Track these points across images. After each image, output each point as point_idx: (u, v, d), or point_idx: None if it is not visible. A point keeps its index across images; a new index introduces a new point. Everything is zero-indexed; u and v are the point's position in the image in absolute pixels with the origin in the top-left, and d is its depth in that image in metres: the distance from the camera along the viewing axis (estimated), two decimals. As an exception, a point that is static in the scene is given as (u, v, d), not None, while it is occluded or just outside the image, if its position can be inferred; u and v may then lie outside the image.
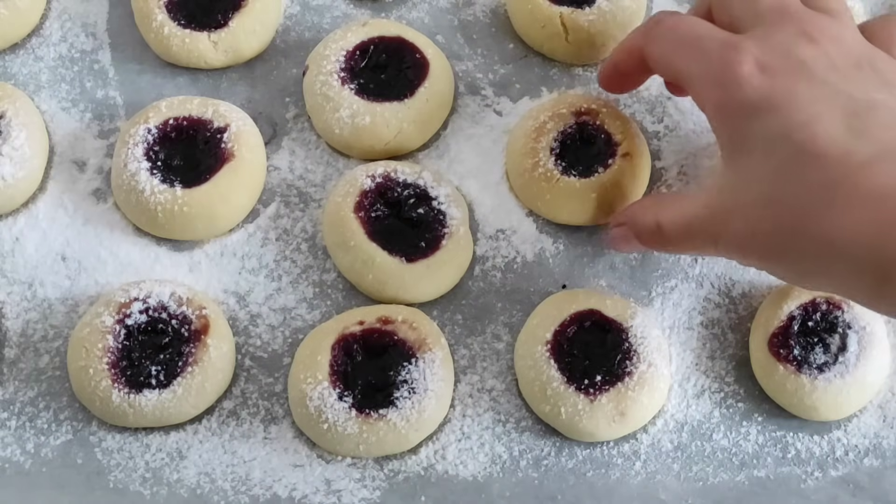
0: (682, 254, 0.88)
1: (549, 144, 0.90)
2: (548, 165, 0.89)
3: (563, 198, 0.90)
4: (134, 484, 0.91)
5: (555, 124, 0.91)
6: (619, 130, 0.89)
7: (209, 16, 1.06)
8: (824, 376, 0.92)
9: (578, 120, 0.89)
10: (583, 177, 0.90)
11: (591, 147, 0.90)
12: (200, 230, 0.99)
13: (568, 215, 0.93)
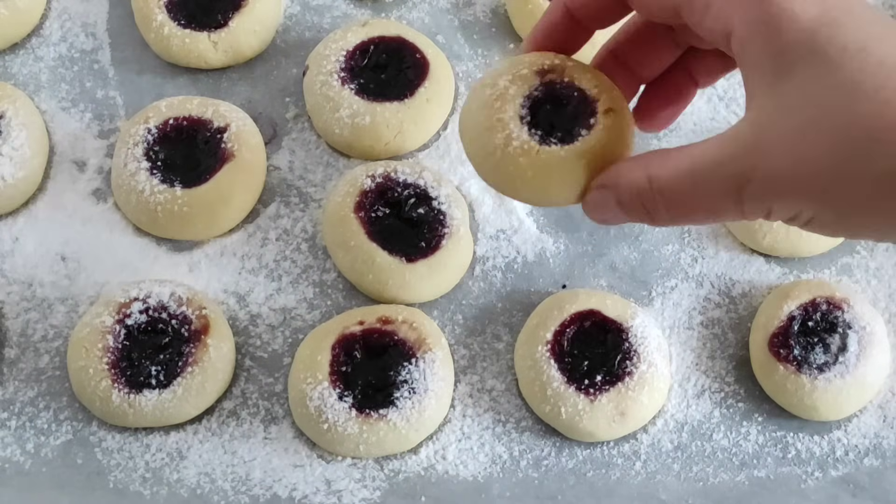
0: (678, 222, 0.66)
1: (518, 112, 0.69)
2: (522, 137, 0.68)
3: (549, 172, 0.69)
4: (134, 484, 0.91)
5: (518, 88, 0.69)
6: (592, 84, 0.70)
7: (209, 16, 1.06)
8: (824, 376, 0.92)
9: (544, 80, 0.70)
10: (565, 143, 0.68)
11: (564, 108, 0.71)
12: (200, 230, 0.99)
13: (557, 192, 0.70)
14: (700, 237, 1.01)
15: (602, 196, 0.68)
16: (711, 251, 1.01)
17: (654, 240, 1.01)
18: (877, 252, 1.01)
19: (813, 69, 0.59)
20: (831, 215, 0.61)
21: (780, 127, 0.60)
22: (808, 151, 0.59)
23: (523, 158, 0.67)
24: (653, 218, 0.65)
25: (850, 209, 0.60)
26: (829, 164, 0.58)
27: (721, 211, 0.62)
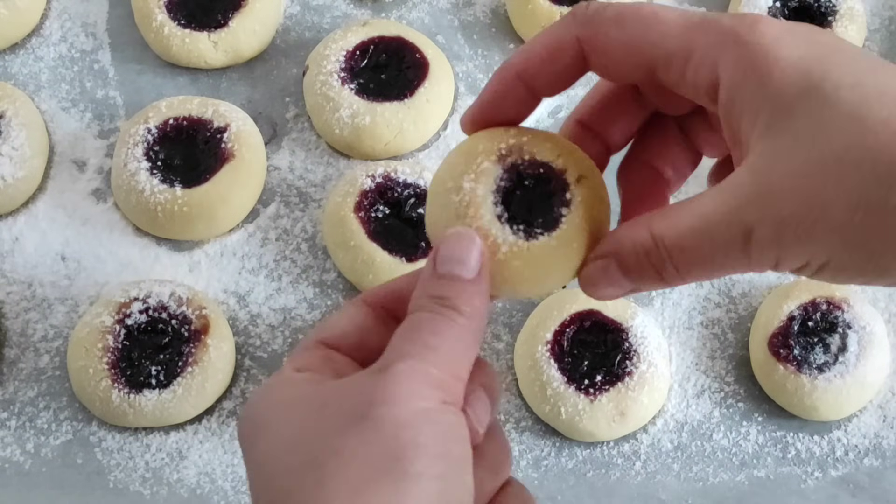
0: (689, 278, 0.59)
1: (493, 213, 0.59)
2: (508, 239, 0.59)
3: (545, 265, 0.62)
4: (134, 484, 0.91)
5: (485, 186, 0.60)
6: (554, 155, 0.62)
7: (209, 16, 1.06)
8: (824, 376, 0.92)
9: (505, 166, 0.61)
10: (549, 229, 0.60)
11: (535, 189, 0.62)
12: (200, 230, 0.99)
13: (557, 280, 0.63)
14: (700, 237, 1.01)
15: (604, 267, 0.60)
16: (711, 251, 1.01)
17: (654, 240, 1.01)
18: (877, 252, 1.01)
19: (811, 107, 0.55)
20: (852, 258, 0.56)
21: (784, 170, 0.55)
22: (817, 191, 0.54)
23: (516, 261, 0.59)
24: (663, 278, 0.59)
25: (874, 248, 0.54)
26: (845, 204, 0.53)
27: (730, 264, 0.58)
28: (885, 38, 1.11)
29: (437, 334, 0.52)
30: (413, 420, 0.49)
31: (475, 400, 0.54)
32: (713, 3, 1.12)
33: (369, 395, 0.50)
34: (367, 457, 0.48)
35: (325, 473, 0.49)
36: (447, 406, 0.51)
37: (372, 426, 0.49)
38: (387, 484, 0.48)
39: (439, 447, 0.49)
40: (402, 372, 0.50)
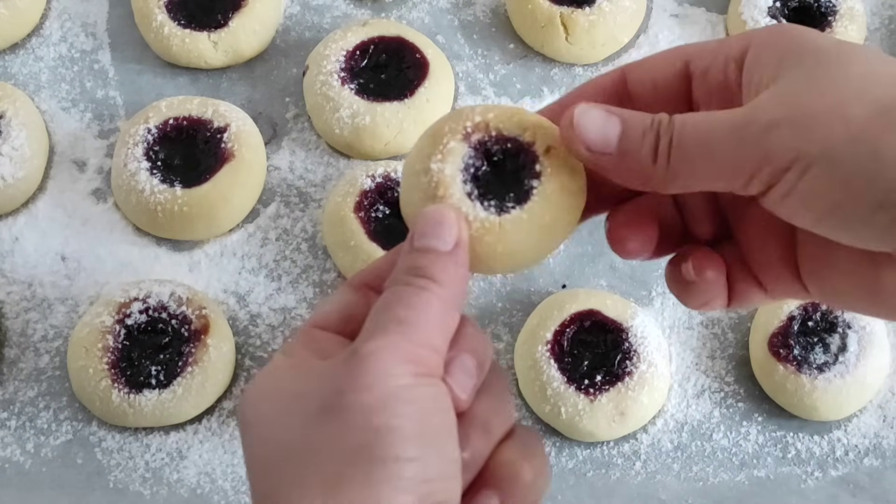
0: (678, 176, 0.54)
1: (462, 191, 0.58)
2: (479, 215, 0.57)
3: (517, 239, 0.59)
4: (134, 484, 0.91)
5: (452, 165, 0.58)
6: (521, 129, 0.60)
7: (209, 16, 1.06)
8: (824, 376, 0.92)
9: (472, 144, 0.59)
10: (521, 202, 0.59)
11: (505, 164, 0.60)
12: (200, 230, 0.99)
13: (533, 255, 0.62)
14: (700, 237, 1.01)
15: (605, 115, 0.55)
16: (711, 251, 1.01)
17: (654, 240, 1.01)
18: (877, 252, 1.01)
19: (837, 55, 0.53)
20: (854, 153, 0.49)
21: (808, 85, 0.52)
22: (838, 95, 0.51)
23: (488, 237, 0.58)
24: (655, 160, 0.54)
25: (880, 145, 0.49)
26: (861, 103, 0.50)
27: (722, 160, 0.52)
28: (885, 38, 1.11)
29: (409, 307, 0.52)
30: (385, 402, 0.49)
31: (457, 367, 0.53)
32: (713, 2, 1.12)
33: (339, 383, 0.50)
34: (339, 448, 0.48)
35: (299, 470, 0.49)
36: (421, 378, 0.50)
37: (342, 416, 0.49)
38: (360, 475, 0.47)
39: (414, 426, 0.49)
40: (372, 353, 0.50)
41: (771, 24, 0.53)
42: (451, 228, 0.54)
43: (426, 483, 0.48)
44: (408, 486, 0.48)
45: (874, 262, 0.53)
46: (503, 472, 0.53)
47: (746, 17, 1.07)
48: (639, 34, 1.10)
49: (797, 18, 1.08)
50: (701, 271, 0.58)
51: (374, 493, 0.47)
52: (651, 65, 0.60)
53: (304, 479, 0.48)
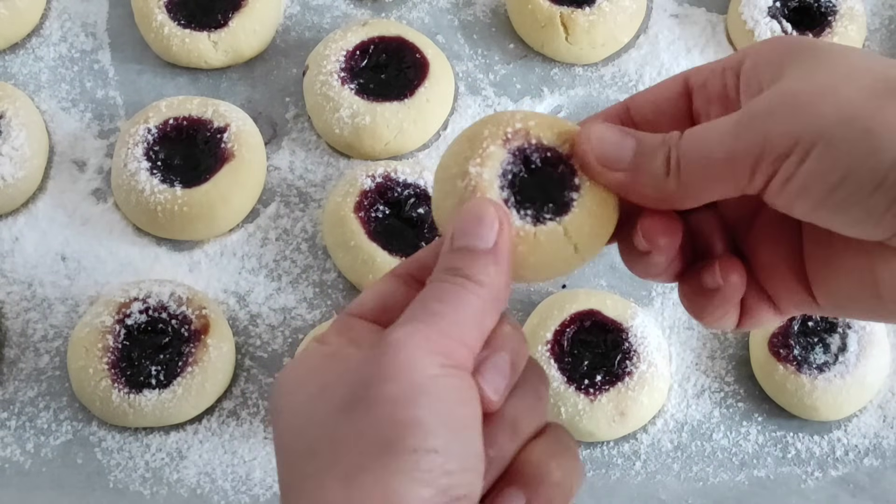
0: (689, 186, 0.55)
1: (500, 197, 0.57)
2: (514, 223, 0.56)
3: (552, 252, 0.59)
4: (134, 484, 0.91)
5: (490, 170, 0.57)
6: (560, 140, 0.59)
7: (209, 16, 1.06)
8: (824, 376, 0.92)
9: (511, 150, 0.58)
10: (559, 215, 0.58)
11: (543, 175, 0.59)
12: (200, 230, 0.99)
13: (565, 267, 0.61)
14: (700, 237, 1.01)
15: (621, 132, 0.57)
16: (711, 251, 1.01)
17: (654, 240, 1.01)
18: (877, 252, 1.01)
19: (830, 53, 0.54)
20: (848, 132, 0.50)
21: (805, 81, 0.52)
22: (834, 85, 0.51)
23: (522, 247, 0.57)
24: (668, 171, 0.54)
25: (873, 125, 0.49)
26: (858, 87, 0.51)
27: (724, 157, 0.53)
28: (885, 38, 1.11)
29: (442, 301, 0.51)
30: (409, 394, 0.48)
31: (489, 366, 0.52)
32: (713, 2, 1.12)
33: (366, 373, 0.49)
34: (361, 442, 0.48)
35: (322, 463, 0.49)
36: (448, 370, 0.50)
37: (365, 409, 0.48)
38: (380, 467, 0.47)
39: (437, 418, 0.48)
40: (399, 341, 0.49)
41: (769, 38, 0.53)
42: (491, 225, 0.53)
43: (447, 476, 0.48)
44: (428, 478, 0.47)
45: (871, 257, 0.53)
46: (530, 471, 0.53)
47: (746, 17, 1.07)
48: (639, 34, 1.10)
49: (797, 18, 1.08)
50: (727, 276, 0.58)
51: (393, 485, 0.47)
52: (652, 91, 0.61)
53: (327, 471, 0.48)
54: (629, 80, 1.08)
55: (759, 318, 0.60)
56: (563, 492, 0.53)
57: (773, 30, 1.06)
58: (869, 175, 0.49)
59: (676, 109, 0.59)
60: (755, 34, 1.06)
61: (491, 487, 0.52)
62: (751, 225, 0.59)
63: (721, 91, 0.57)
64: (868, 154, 0.49)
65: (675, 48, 1.10)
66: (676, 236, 0.57)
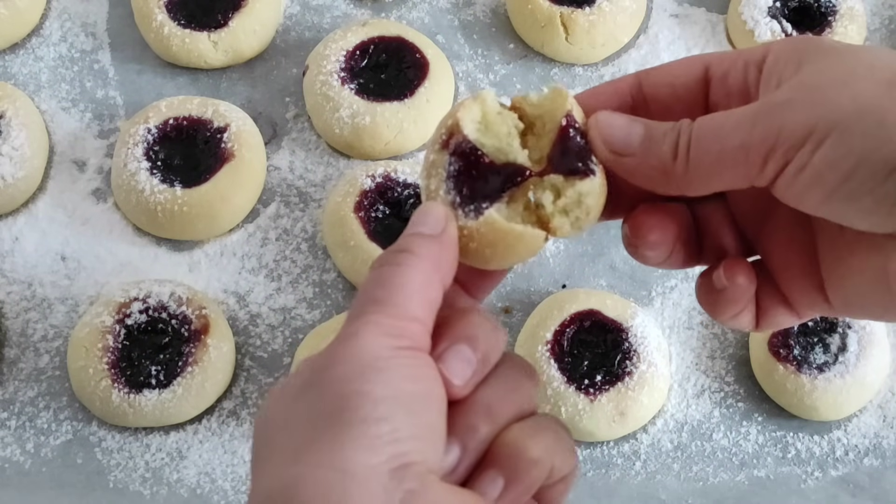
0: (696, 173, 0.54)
1: (445, 202, 0.57)
2: (459, 223, 0.56)
3: (504, 241, 0.57)
4: (134, 484, 0.91)
5: (436, 178, 0.57)
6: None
7: (209, 16, 1.06)
8: (824, 376, 0.92)
9: (450, 149, 0.57)
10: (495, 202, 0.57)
11: (482, 164, 0.58)
12: (200, 230, 0.99)
13: (524, 251, 0.58)
14: (700, 237, 1.01)
15: (629, 119, 0.57)
16: (711, 251, 1.01)
17: (654, 240, 1.01)
18: (877, 252, 1.01)
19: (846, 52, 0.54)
20: (859, 124, 0.50)
21: (819, 75, 0.53)
22: (849, 77, 0.52)
23: (472, 244, 0.56)
24: (676, 155, 0.54)
25: (885, 116, 0.50)
26: (875, 81, 0.52)
27: (738, 144, 0.53)
28: (885, 38, 1.11)
29: (385, 286, 0.52)
30: (359, 372, 0.49)
31: (451, 353, 0.53)
32: (713, 2, 1.12)
33: (320, 362, 0.51)
34: (312, 417, 0.49)
35: (274, 445, 0.50)
36: (399, 350, 0.50)
37: (317, 390, 0.50)
38: (328, 437, 0.48)
39: (386, 390, 0.49)
40: (352, 333, 0.51)
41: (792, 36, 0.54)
42: (438, 215, 0.55)
43: (396, 443, 0.48)
44: (376, 444, 0.48)
45: (883, 252, 0.53)
46: (506, 451, 0.53)
47: (746, 17, 1.07)
48: (639, 34, 1.10)
49: (797, 18, 1.08)
50: (732, 277, 0.58)
51: (341, 453, 0.47)
52: (668, 70, 0.61)
53: (280, 451, 0.49)
54: (629, 80, 1.08)
55: (776, 319, 0.60)
56: (541, 469, 0.54)
57: (773, 30, 1.06)
58: (882, 164, 0.50)
59: (693, 96, 0.59)
60: (755, 34, 1.06)
61: (472, 472, 0.53)
62: (763, 226, 0.60)
63: (742, 85, 0.57)
64: (882, 144, 0.50)
65: (675, 48, 1.10)
66: (667, 232, 0.58)
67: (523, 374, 0.56)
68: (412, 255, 0.53)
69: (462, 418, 0.52)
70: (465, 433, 0.52)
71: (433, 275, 0.53)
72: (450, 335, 0.54)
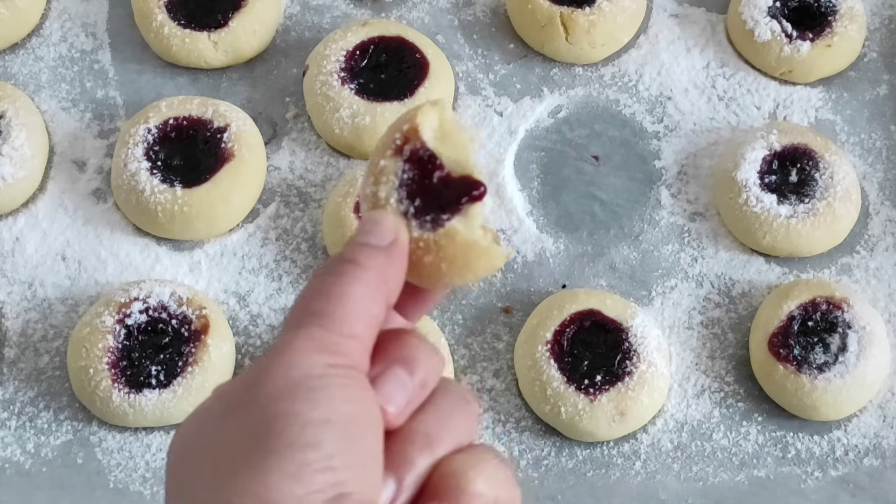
0: None
1: (396, 211, 0.53)
2: (413, 234, 0.53)
3: (463, 255, 0.54)
4: (134, 484, 0.91)
5: (386, 186, 0.54)
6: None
7: (209, 16, 1.06)
8: (824, 376, 0.92)
9: (405, 156, 0.54)
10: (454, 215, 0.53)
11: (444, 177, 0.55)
12: (200, 230, 0.99)
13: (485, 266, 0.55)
14: (700, 237, 1.01)
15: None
16: (711, 251, 1.01)
17: (653, 240, 1.01)
18: (876, 252, 1.01)
19: None
20: None
21: None
22: None
23: (428, 257, 0.53)
24: None
25: None
26: None
27: None
28: (885, 38, 1.11)
29: (325, 297, 0.48)
30: (287, 390, 0.45)
31: (386, 378, 0.49)
32: (713, 2, 1.12)
33: (249, 379, 0.46)
34: (236, 441, 0.45)
35: (193, 468, 0.46)
36: (336, 369, 0.46)
37: (243, 410, 0.45)
38: (250, 465, 0.44)
39: (317, 412, 0.44)
40: (283, 346, 0.47)
41: None
42: (388, 228, 0.51)
43: (330, 471, 0.44)
44: (304, 472, 0.43)
45: None
46: (447, 483, 0.48)
47: (746, 17, 1.07)
48: (639, 34, 1.10)
49: (797, 18, 1.08)
50: None
51: (265, 481, 0.43)
52: None
53: (196, 474, 0.45)
54: (629, 80, 1.08)
55: None
56: (485, 503, 0.49)
57: (773, 30, 1.06)
58: None
59: None
60: (755, 34, 1.06)
61: None
62: None
63: None
64: None
65: (675, 48, 1.10)
66: None
67: (462, 402, 0.52)
68: (356, 266, 0.49)
69: (398, 449, 0.48)
70: (402, 466, 0.48)
71: (378, 288, 0.49)
72: (384, 357, 0.49)
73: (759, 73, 1.08)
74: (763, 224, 0.98)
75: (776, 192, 1.00)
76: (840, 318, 0.94)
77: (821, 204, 0.99)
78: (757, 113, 1.07)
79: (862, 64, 1.10)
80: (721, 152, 1.04)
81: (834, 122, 1.07)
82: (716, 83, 1.08)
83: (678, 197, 1.03)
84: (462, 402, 0.52)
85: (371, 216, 0.52)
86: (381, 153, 0.54)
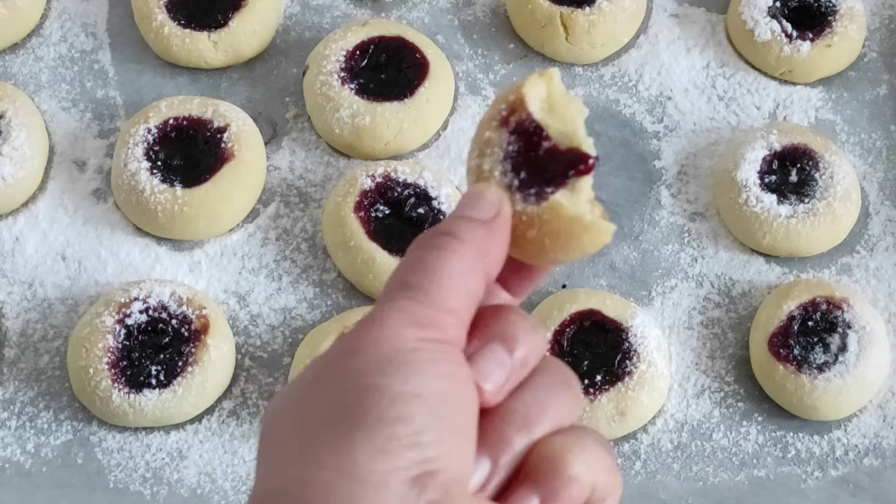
0: None
1: (501, 184, 0.52)
2: (516, 208, 0.52)
3: (567, 230, 0.52)
4: (134, 484, 0.91)
5: (490, 158, 0.53)
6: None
7: (209, 16, 1.06)
8: (824, 376, 0.92)
9: (510, 128, 0.53)
10: (560, 188, 0.52)
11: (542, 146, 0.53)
12: (200, 230, 0.99)
13: (589, 243, 0.53)
14: (700, 237, 1.01)
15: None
16: (711, 251, 1.01)
17: (653, 239, 1.01)
18: (877, 252, 1.01)
19: None
20: None
21: None
22: None
23: (531, 231, 0.51)
24: None
25: None
26: None
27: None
28: (885, 38, 1.11)
29: (420, 271, 0.47)
30: (376, 364, 0.44)
31: (484, 355, 0.47)
32: (713, 2, 1.12)
33: (337, 350, 0.46)
34: (320, 414, 0.44)
35: (277, 443, 0.46)
36: (427, 343, 0.45)
37: (331, 381, 0.45)
38: (336, 438, 0.43)
39: (407, 387, 0.43)
40: (376, 319, 0.46)
41: None
42: (490, 202, 0.50)
43: (418, 448, 0.43)
44: (392, 447, 0.43)
45: None
46: (543, 466, 0.47)
47: (746, 17, 1.07)
48: (639, 34, 1.10)
49: (797, 18, 1.08)
50: None
51: (350, 456, 0.42)
52: None
53: (283, 445, 0.45)
54: (629, 80, 1.08)
55: None
56: (582, 488, 0.47)
57: (773, 30, 1.06)
58: None
59: None
60: (755, 34, 1.06)
61: (505, 487, 0.47)
62: None
63: None
64: None
65: (675, 48, 1.10)
66: None
67: (563, 382, 0.50)
68: (455, 240, 0.48)
69: (494, 428, 0.47)
70: (498, 445, 0.47)
71: (477, 263, 0.48)
72: (483, 333, 0.48)
73: (759, 73, 1.08)
74: (763, 224, 0.98)
75: (776, 192, 1.00)
76: (840, 318, 0.94)
77: (821, 204, 0.99)
78: (757, 113, 1.07)
79: (862, 64, 1.10)
80: (721, 152, 1.04)
81: (834, 122, 1.07)
82: (716, 83, 1.08)
83: (678, 197, 1.03)
84: (563, 382, 0.50)
85: (474, 189, 0.51)
86: (486, 124, 0.53)
